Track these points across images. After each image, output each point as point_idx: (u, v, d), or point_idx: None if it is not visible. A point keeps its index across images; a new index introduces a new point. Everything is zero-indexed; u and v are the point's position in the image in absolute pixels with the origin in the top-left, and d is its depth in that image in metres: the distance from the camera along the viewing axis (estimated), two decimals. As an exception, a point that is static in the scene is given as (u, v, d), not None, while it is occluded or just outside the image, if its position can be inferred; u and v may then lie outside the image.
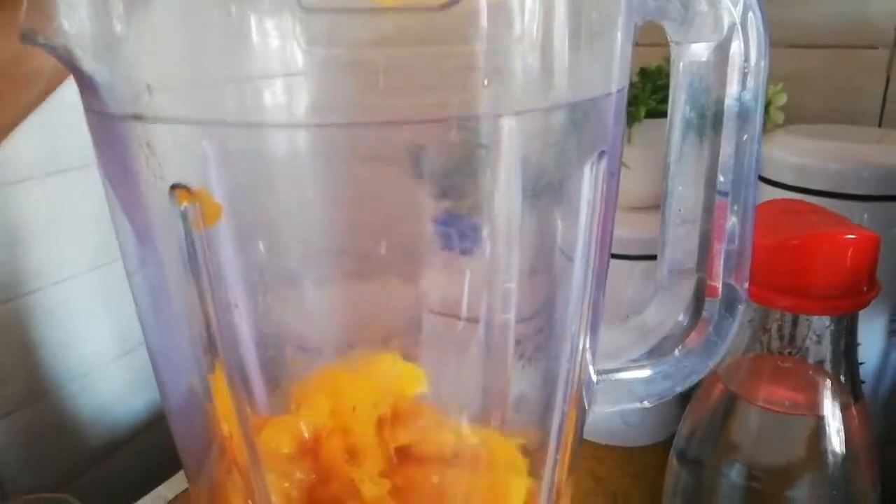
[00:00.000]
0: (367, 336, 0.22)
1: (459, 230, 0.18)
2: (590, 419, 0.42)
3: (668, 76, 0.40)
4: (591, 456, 0.45)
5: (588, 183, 0.18)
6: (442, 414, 0.23)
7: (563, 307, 0.21)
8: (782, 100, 0.38)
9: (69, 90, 0.47)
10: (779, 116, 0.38)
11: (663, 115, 0.39)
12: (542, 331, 0.22)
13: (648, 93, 0.38)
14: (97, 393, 0.53)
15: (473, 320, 0.21)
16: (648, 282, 0.40)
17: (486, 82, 0.15)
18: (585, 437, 0.44)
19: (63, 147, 0.48)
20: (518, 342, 0.21)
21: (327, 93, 0.15)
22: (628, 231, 0.39)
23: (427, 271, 0.21)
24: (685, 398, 0.45)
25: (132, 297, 0.21)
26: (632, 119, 0.38)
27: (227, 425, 0.19)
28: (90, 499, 0.50)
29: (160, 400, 0.23)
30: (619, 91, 0.18)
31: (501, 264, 0.19)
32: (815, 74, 0.44)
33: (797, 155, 0.36)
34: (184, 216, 0.16)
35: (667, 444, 0.45)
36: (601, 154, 0.18)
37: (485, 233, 0.18)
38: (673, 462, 0.33)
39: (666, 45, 0.22)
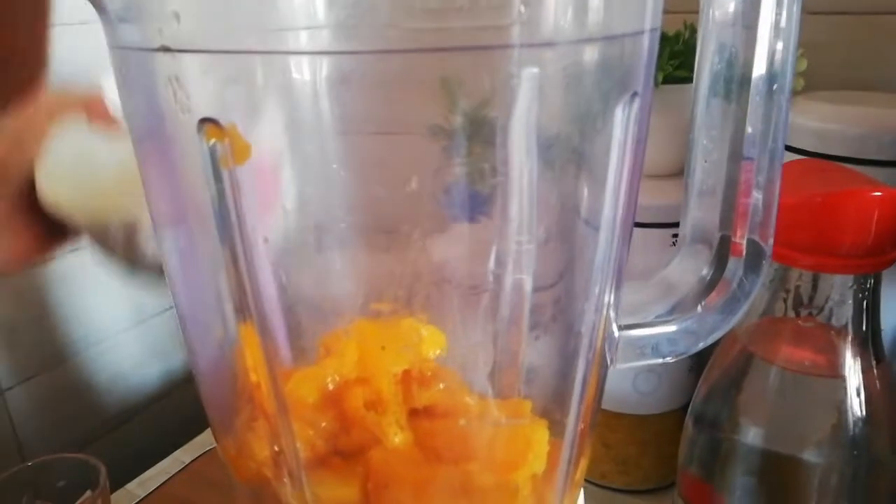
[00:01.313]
0: (390, 295, 0.22)
1: (483, 180, 0.18)
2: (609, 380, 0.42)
3: (685, 42, 0.40)
4: (602, 423, 0.45)
5: (620, 124, 0.17)
6: (461, 376, 0.23)
7: (590, 260, 0.21)
8: (803, 66, 0.38)
9: (87, 59, 0.46)
10: (799, 83, 0.38)
11: (681, 80, 0.38)
12: (566, 286, 0.22)
13: (666, 58, 0.37)
14: (112, 361, 0.53)
15: (496, 277, 0.21)
16: (666, 250, 0.40)
17: (522, 10, 0.14)
18: (597, 405, 0.44)
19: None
20: (541, 302, 0.21)
21: (362, 15, 0.14)
22: (646, 199, 0.38)
23: (450, 226, 0.20)
24: (699, 367, 0.45)
25: (160, 251, 0.21)
26: (650, 84, 0.37)
27: (256, 375, 0.19)
28: (107, 464, 0.51)
29: (188, 358, 0.23)
30: (652, 30, 0.18)
31: (526, 214, 0.19)
32: (836, 41, 0.43)
33: (817, 120, 0.36)
34: (212, 153, 0.16)
35: (678, 412, 0.45)
36: (634, 95, 0.18)
37: (514, 175, 0.18)
38: (689, 427, 0.33)
39: (684, 11, 0.21)
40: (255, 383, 0.19)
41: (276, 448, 0.19)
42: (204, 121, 0.16)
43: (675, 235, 0.40)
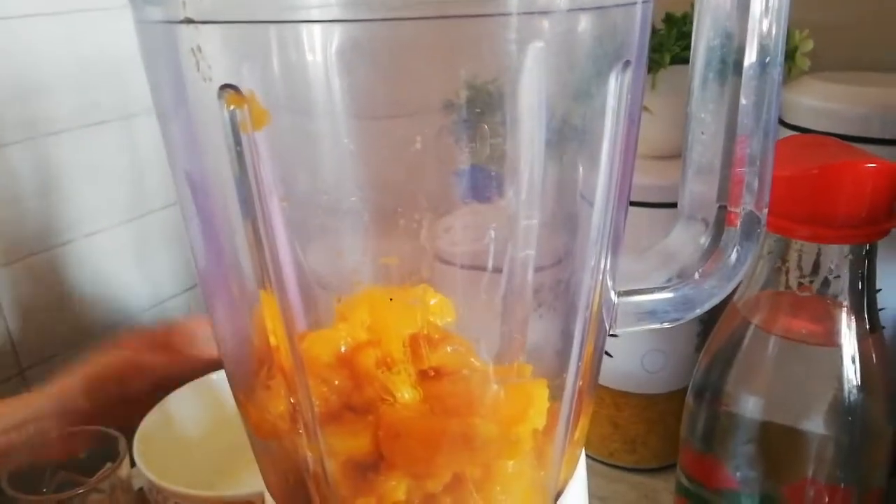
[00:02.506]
0: (398, 266, 0.23)
1: (487, 154, 0.19)
2: (610, 363, 0.42)
3: (691, 23, 0.40)
4: (610, 403, 0.46)
5: (613, 92, 0.18)
6: (467, 342, 0.24)
7: (587, 228, 0.22)
8: (808, 46, 0.38)
9: (106, 41, 0.47)
10: (805, 63, 0.38)
11: (686, 62, 0.39)
12: (567, 258, 0.23)
13: (674, 39, 0.38)
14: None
15: (501, 252, 0.22)
16: (669, 229, 0.40)
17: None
18: (606, 384, 0.45)
19: (98, 101, 0.50)
20: (543, 276, 0.22)
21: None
22: (651, 178, 0.39)
23: (457, 201, 0.21)
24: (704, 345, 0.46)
25: (184, 223, 0.22)
26: (656, 66, 0.38)
27: (275, 337, 0.20)
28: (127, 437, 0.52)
29: (211, 324, 0.24)
30: (644, 2, 0.19)
31: (537, 190, 0.20)
32: (843, 22, 0.43)
33: (822, 100, 0.36)
34: (232, 118, 0.17)
35: (684, 392, 0.46)
36: (626, 63, 0.19)
37: (515, 141, 0.19)
38: (690, 402, 0.33)
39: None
40: (274, 345, 0.20)
41: (293, 401, 0.21)
42: (224, 87, 0.17)
43: (680, 215, 0.41)
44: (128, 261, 0.54)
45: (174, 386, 0.42)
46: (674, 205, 0.40)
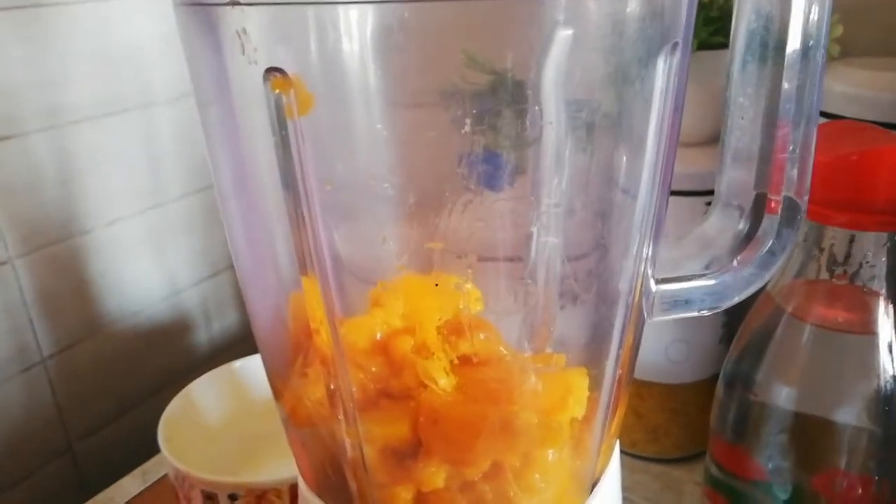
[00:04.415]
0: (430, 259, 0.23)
1: (515, 141, 0.19)
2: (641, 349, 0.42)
3: (720, 9, 0.40)
4: (633, 392, 0.46)
5: (662, 74, 0.18)
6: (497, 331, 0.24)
7: (630, 216, 0.22)
8: (838, 32, 0.38)
9: (124, 31, 0.47)
10: (835, 49, 0.38)
11: (716, 46, 0.39)
12: (605, 246, 0.23)
13: (701, 24, 0.37)
14: (146, 331, 0.55)
15: (529, 241, 0.21)
16: (698, 218, 0.40)
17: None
18: (627, 373, 0.45)
19: (118, 90, 0.49)
20: (579, 263, 0.22)
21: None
22: (679, 167, 0.38)
23: (484, 191, 0.21)
24: (729, 338, 0.46)
25: (223, 213, 0.22)
26: (683, 51, 0.38)
27: (315, 322, 0.20)
28: (142, 432, 0.53)
29: (249, 313, 0.24)
30: (692, -17, 0.18)
31: (566, 175, 0.20)
32: (872, 6, 0.43)
33: (853, 86, 0.36)
34: (277, 103, 0.17)
35: (708, 382, 0.46)
36: (675, 45, 0.18)
37: (548, 135, 0.18)
38: (720, 392, 0.33)
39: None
40: (314, 329, 0.20)
41: (332, 387, 0.20)
42: (270, 71, 0.17)
43: (709, 203, 0.41)
44: (145, 251, 0.54)
45: None
46: (699, 193, 0.40)
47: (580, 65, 0.17)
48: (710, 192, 0.40)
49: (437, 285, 0.20)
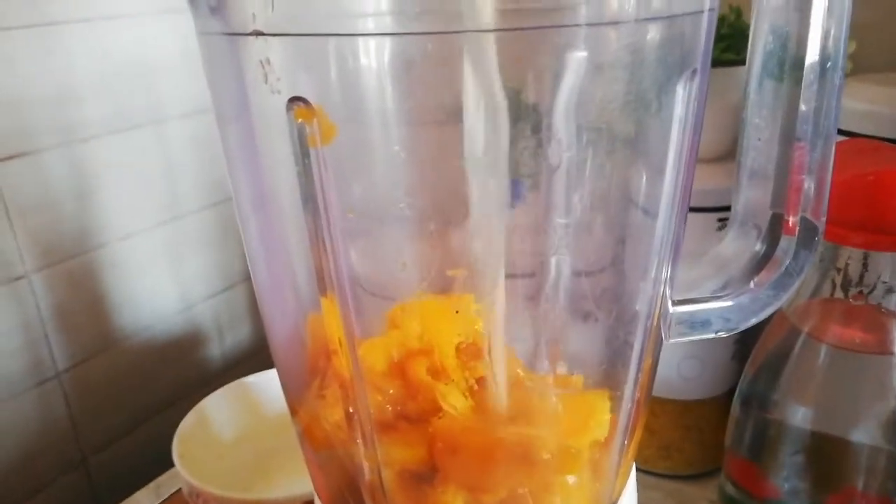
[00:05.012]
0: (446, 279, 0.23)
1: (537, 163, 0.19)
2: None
3: (731, 25, 0.40)
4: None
5: (681, 100, 0.18)
6: (515, 355, 0.24)
7: (649, 238, 0.22)
8: (851, 48, 0.38)
9: (134, 48, 0.48)
10: (847, 65, 0.38)
11: (727, 63, 0.39)
12: (621, 266, 0.23)
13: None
14: (160, 345, 0.55)
15: (540, 259, 0.21)
16: (711, 234, 0.40)
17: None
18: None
19: (130, 106, 0.50)
20: (596, 282, 0.22)
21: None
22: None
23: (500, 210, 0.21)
24: (741, 355, 0.45)
25: (242, 234, 0.22)
26: (695, 69, 0.38)
27: (335, 343, 0.20)
28: (156, 446, 0.53)
29: (267, 333, 0.24)
30: (710, 10, 0.18)
31: (587, 194, 0.20)
32: (885, 22, 0.43)
33: (866, 102, 0.36)
34: (300, 132, 0.17)
35: (720, 399, 0.46)
36: (693, 72, 0.18)
37: (566, 158, 0.18)
38: (736, 411, 0.33)
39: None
40: (333, 350, 0.20)
41: (351, 410, 0.20)
42: (294, 100, 0.17)
43: (721, 220, 0.41)
44: (159, 265, 0.54)
45: None
46: (714, 209, 0.40)
47: (601, 91, 0.17)
48: (722, 209, 0.40)
49: (457, 312, 0.20)
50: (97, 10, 0.47)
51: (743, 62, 0.40)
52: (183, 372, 0.57)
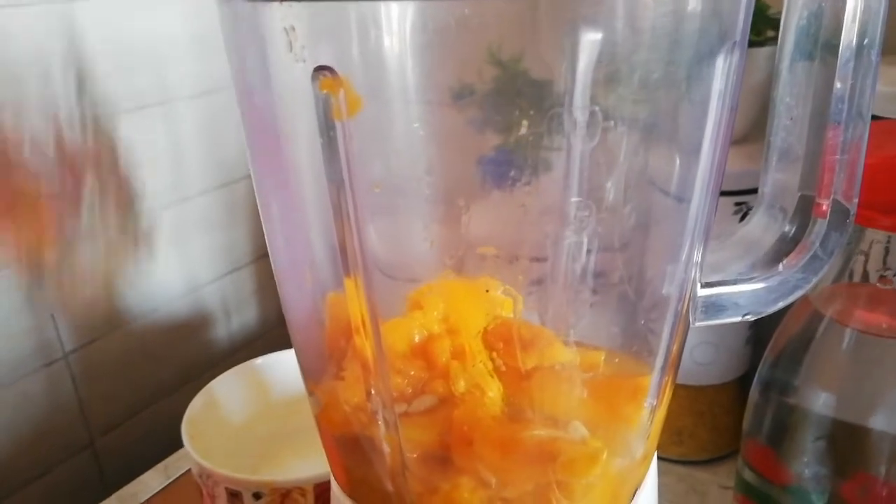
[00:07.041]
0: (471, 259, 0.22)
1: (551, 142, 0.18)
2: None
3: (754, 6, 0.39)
4: (657, 394, 0.45)
5: (721, 74, 0.18)
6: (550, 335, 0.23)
7: (682, 220, 0.21)
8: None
9: (142, 27, 0.47)
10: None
11: (750, 43, 0.38)
12: (651, 247, 0.22)
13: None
14: (167, 327, 0.55)
15: (557, 242, 0.21)
16: (728, 218, 0.39)
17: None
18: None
19: (138, 86, 0.49)
20: (627, 262, 0.22)
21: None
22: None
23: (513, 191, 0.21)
24: (755, 339, 0.45)
25: (261, 212, 0.21)
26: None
27: (357, 322, 0.20)
28: (163, 427, 0.53)
29: (285, 313, 0.23)
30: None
31: (615, 180, 0.19)
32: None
33: (891, 84, 0.35)
34: (325, 103, 0.16)
35: (734, 384, 0.45)
36: (734, 45, 0.18)
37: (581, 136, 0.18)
38: (755, 396, 0.32)
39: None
40: (354, 329, 0.20)
41: (373, 391, 0.20)
42: (319, 70, 0.16)
43: (738, 203, 0.40)
44: (166, 246, 0.54)
45: None
46: (731, 193, 0.39)
47: (641, 61, 0.16)
48: (740, 192, 0.40)
49: (487, 291, 0.20)
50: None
51: (762, 43, 0.40)
52: (190, 354, 0.57)
